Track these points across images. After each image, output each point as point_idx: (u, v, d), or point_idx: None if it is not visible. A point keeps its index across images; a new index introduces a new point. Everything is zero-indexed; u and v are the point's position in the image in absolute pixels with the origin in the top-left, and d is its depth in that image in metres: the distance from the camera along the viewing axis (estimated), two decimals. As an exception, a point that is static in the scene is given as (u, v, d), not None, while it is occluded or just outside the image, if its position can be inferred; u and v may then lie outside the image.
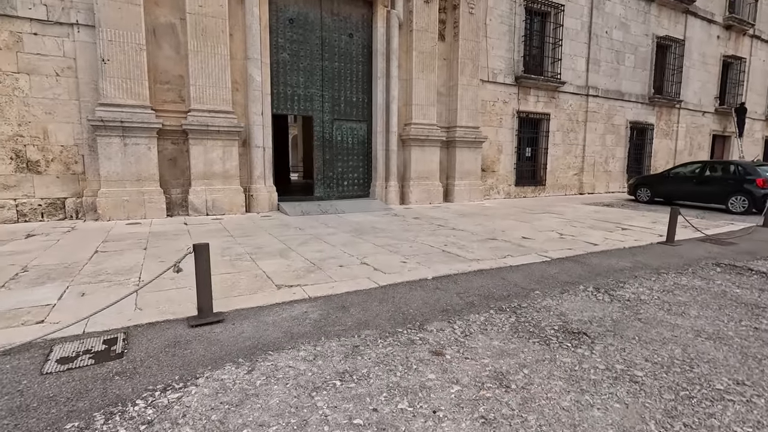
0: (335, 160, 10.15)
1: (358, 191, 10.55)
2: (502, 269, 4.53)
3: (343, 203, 9.56)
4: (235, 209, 8.42)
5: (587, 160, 14.58)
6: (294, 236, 6.16)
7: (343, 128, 10.17)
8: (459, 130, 11.02)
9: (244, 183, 8.84)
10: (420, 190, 10.57)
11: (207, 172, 8.16)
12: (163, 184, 8.11)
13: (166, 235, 6.13)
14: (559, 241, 6.08)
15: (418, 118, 10.43)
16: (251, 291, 3.62)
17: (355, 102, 10.23)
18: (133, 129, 7.42)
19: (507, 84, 12.36)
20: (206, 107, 8.05)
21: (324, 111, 9.86)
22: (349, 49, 10.02)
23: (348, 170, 10.36)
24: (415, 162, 10.49)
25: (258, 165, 8.80)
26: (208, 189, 8.17)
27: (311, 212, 8.72)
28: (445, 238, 6.13)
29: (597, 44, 14.13)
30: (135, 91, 7.46)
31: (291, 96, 9.44)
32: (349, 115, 10.20)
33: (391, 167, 10.36)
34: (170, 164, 8.17)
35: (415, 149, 10.45)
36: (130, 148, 7.50)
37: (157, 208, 7.73)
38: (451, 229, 7.01)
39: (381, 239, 6.01)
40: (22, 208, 7.20)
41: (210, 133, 8.06)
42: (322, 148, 9.95)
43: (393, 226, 7.26)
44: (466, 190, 11.29)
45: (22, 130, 7.12)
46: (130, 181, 7.54)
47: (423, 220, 8.05)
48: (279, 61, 9.21)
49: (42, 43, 7.13)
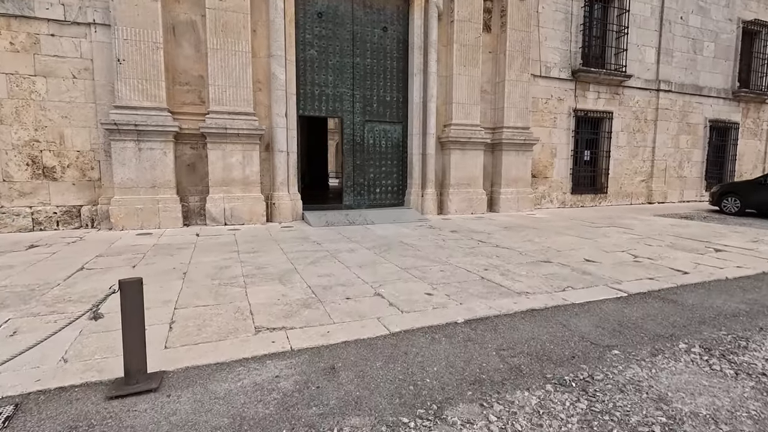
0: (366, 166, 9.29)
1: (391, 199, 9.61)
2: (560, 309, 3.38)
3: (373, 213, 8.66)
4: (255, 219, 7.75)
5: (657, 164, 12.72)
6: (307, 253, 5.32)
7: (375, 130, 9.30)
8: (506, 131, 9.80)
9: (266, 190, 8.18)
10: (460, 198, 9.45)
11: (225, 179, 7.57)
12: (181, 191, 7.61)
13: (169, 249, 5.50)
14: (635, 266, 4.78)
15: (459, 118, 9.34)
16: (220, 336, 2.76)
17: (388, 101, 9.33)
18: (148, 133, 6.96)
19: (562, 79, 10.94)
20: (226, 109, 7.47)
21: (354, 112, 9.04)
22: (382, 44, 9.15)
23: (380, 176, 9.46)
24: (455, 167, 9.39)
25: (281, 171, 8.11)
26: (227, 197, 7.57)
27: (336, 223, 7.89)
28: (486, 260, 5.02)
29: (670, 32, 12.32)
30: (151, 93, 7.01)
31: (319, 96, 8.71)
32: (382, 116, 9.31)
33: (428, 173, 9.33)
34: (189, 170, 7.66)
35: (456, 153, 9.36)
36: (145, 153, 7.04)
37: (172, 217, 7.22)
38: (493, 246, 5.87)
39: (407, 259, 5.02)
40: (37, 216, 6.93)
41: (228, 136, 7.46)
42: (352, 152, 9.12)
43: (425, 241, 6.23)
44: (513, 198, 10.02)
45: (38, 135, 6.86)
46: (145, 188, 7.08)
47: (461, 233, 6.95)
48: (306, 58, 8.51)
49: (59, 45, 6.85)
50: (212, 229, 7.15)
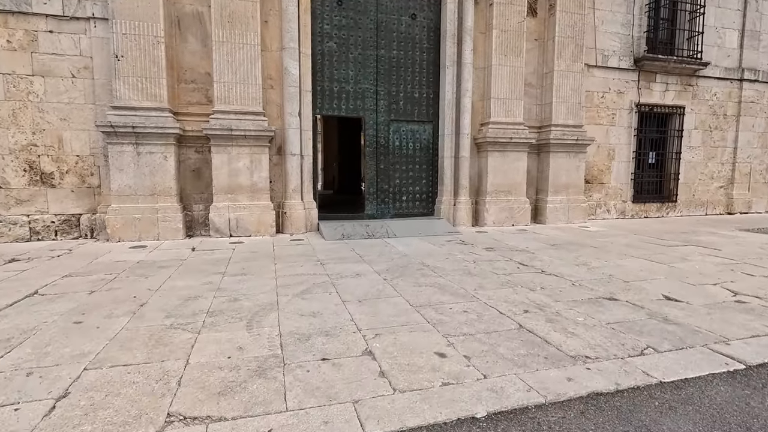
0: (391, 170, 8.28)
1: (419, 208, 8.53)
2: (642, 393, 2.20)
3: (397, 224, 7.62)
4: (263, 230, 6.95)
5: (740, 167, 10.75)
6: (303, 278, 4.38)
7: (401, 131, 8.28)
8: (555, 130, 8.44)
9: (278, 198, 7.38)
10: (499, 207, 8.20)
11: (231, 186, 6.83)
12: (185, 199, 6.96)
13: (150, 268, 4.76)
14: (740, 311, 3.43)
15: (499, 115, 8.11)
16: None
17: (417, 98, 8.28)
18: (146, 135, 6.35)
19: (623, 69, 9.40)
20: (232, 108, 6.74)
21: (378, 110, 8.06)
22: (410, 33, 8.12)
23: (407, 182, 8.41)
24: (494, 172, 8.17)
25: (293, 177, 7.27)
26: (232, 205, 6.83)
27: (354, 236, 6.92)
28: (527, 294, 3.85)
29: (756, 10, 10.37)
30: (151, 92, 6.40)
31: (338, 93, 7.82)
32: (410, 115, 8.27)
33: (462, 179, 8.17)
34: (194, 176, 7.00)
35: (494, 155, 8.14)
36: (144, 158, 6.43)
37: (171, 228, 6.56)
38: (537, 272, 4.66)
39: (424, 290, 3.94)
40: (35, 225, 6.50)
41: (234, 138, 6.72)
42: (375, 156, 8.15)
43: (452, 262, 5.12)
44: (562, 208, 8.62)
45: (36, 139, 6.43)
46: (143, 196, 6.47)
47: (498, 252, 5.76)
48: (324, 51, 7.65)
49: (58, 42, 6.39)
50: (213, 242, 6.42)
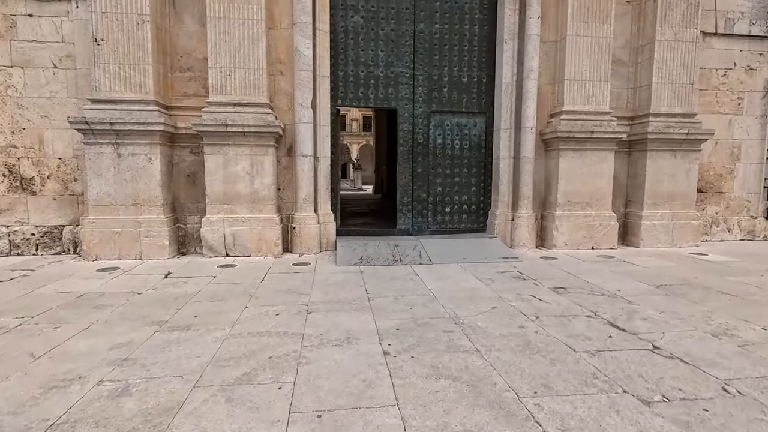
0: (431, 175, 6.60)
1: (466, 223, 6.76)
2: None
3: (436, 244, 5.94)
4: (266, 249, 5.62)
5: None
6: (263, 342, 2.88)
7: (445, 125, 6.57)
8: (654, 122, 6.27)
9: (287, 209, 6.03)
10: (573, 224, 6.20)
11: (227, 194, 5.58)
12: (178, 209, 5.84)
13: (83, 307, 3.56)
14: None
15: (575, 102, 6.12)
16: None
17: (465, 84, 6.53)
18: (127, 133, 5.28)
19: (755, 37, 6.91)
20: (230, 99, 5.49)
21: (415, 100, 6.43)
22: (458, 1, 6.40)
23: (451, 190, 6.68)
24: (567, 177, 6.19)
25: (304, 183, 5.87)
26: (228, 218, 5.57)
27: (375, 260, 5.35)
28: (640, 414, 2.02)
29: None
30: (135, 81, 5.32)
31: (364, 79, 6.30)
32: (456, 105, 6.54)
33: (523, 186, 6.28)
34: (188, 182, 5.86)
35: (568, 155, 6.16)
36: (126, 161, 5.37)
37: (156, 245, 5.43)
38: (646, 347, 2.75)
39: (444, 388, 2.26)
40: (14, 238, 5.71)
41: (230, 136, 5.46)
42: (410, 157, 6.53)
43: (501, 317, 3.36)
44: (664, 226, 6.40)
45: (15, 140, 5.63)
46: (125, 206, 5.41)
47: (574, 296, 3.88)
48: (347, 27, 6.18)
49: (38, 27, 5.54)
50: (199, 265, 5.18)
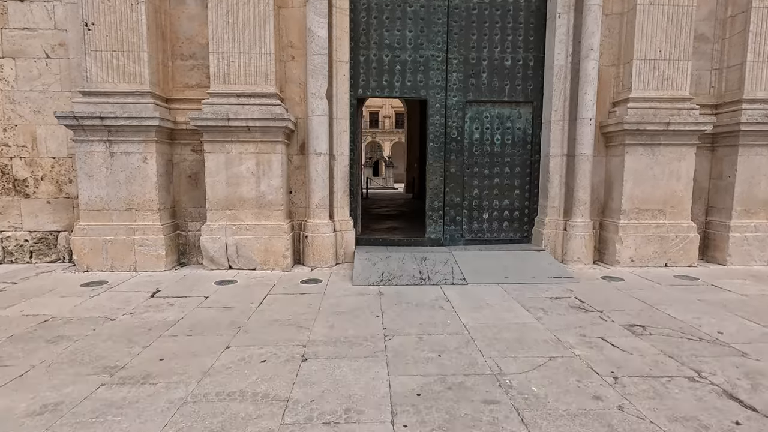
0: (467, 175, 5.65)
1: (507, 232, 5.77)
2: None
3: (472, 258, 5.00)
4: (273, 261, 4.88)
5: None
6: (233, 411, 2.10)
7: (483, 117, 5.61)
8: (749, 110, 5.04)
9: (300, 215, 5.28)
10: (642, 237, 5.08)
11: (230, 198, 4.88)
12: (179, 214, 5.21)
13: (36, 341, 2.91)
14: None
15: (647, 86, 5.00)
16: None
17: (508, 68, 5.53)
18: (120, 129, 4.68)
19: None
20: (233, 89, 4.77)
21: (449, 88, 5.51)
22: (500, -30, 5.42)
23: (490, 193, 5.71)
24: (635, 178, 5.08)
25: (317, 186, 5.08)
26: (231, 226, 4.87)
27: (399, 278, 4.49)
28: None
29: None
30: (128, 70, 4.71)
31: (389, 64, 5.44)
32: (497, 93, 5.56)
33: (578, 188, 5.21)
34: (190, 184, 5.22)
35: (636, 152, 5.05)
36: (119, 160, 4.77)
37: (152, 256, 4.81)
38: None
39: None
40: (7, 245, 5.26)
41: (233, 131, 4.74)
42: (442, 154, 5.61)
43: (565, 374, 2.41)
44: (759, 239, 5.16)
45: (7, 138, 5.16)
46: (118, 212, 4.82)
47: (658, 336, 2.85)
48: (369, 3, 5.34)
49: (29, 13, 5.03)
50: (195, 279, 4.50)
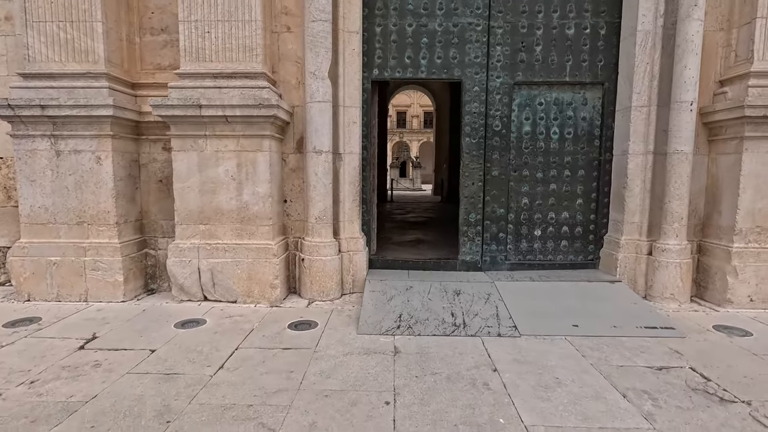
0: (513, 179, 4.35)
1: (566, 253, 4.41)
2: None
3: (522, 290, 3.70)
4: (259, 293, 3.74)
5: None
6: None
7: (536, 104, 4.29)
8: None
9: (297, 231, 4.13)
10: (767, 267, 3.64)
11: (204, 210, 3.77)
12: (147, 229, 4.17)
13: None
14: None
15: (774, 56, 3.57)
16: None
17: (571, 38, 4.19)
18: (67, 121, 3.66)
19: None
20: (208, 67, 3.67)
21: (491, 66, 4.22)
22: None
23: (544, 203, 4.37)
24: (756, 185, 3.64)
25: (317, 193, 3.90)
26: (206, 246, 3.76)
27: (423, 322, 3.24)
28: None
29: None
30: (80, 46, 3.69)
31: (413, 35, 4.21)
32: (554, 72, 4.22)
33: (671, 198, 3.79)
34: (161, 191, 4.16)
35: (760, 148, 3.61)
36: (66, 161, 3.76)
37: (107, 282, 3.77)
38: None
39: None
40: (-51, 263, 4.37)
41: (207, 123, 3.64)
42: (482, 152, 4.33)
43: None
44: None
45: (-53, 133, 4.27)
46: (67, 226, 3.80)
47: None
48: (387, -42, 4.14)
49: (-30, -20, 4.12)
50: (158, 314, 3.41)
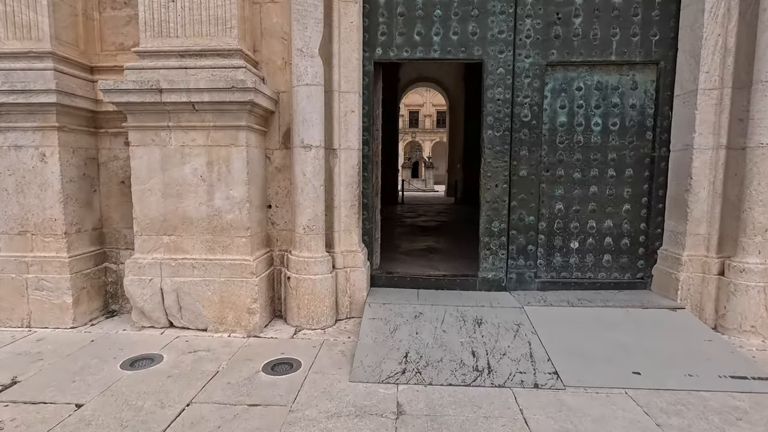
0: (545, 181, 3.59)
1: (610, 270, 3.63)
2: None
3: (561, 319, 2.95)
4: (233, 319, 3.06)
5: None
6: None
7: (573, 89, 3.52)
8: None
9: (284, 242, 3.44)
10: None
11: (168, 217, 3.10)
12: (109, 239, 3.53)
13: None
14: None
15: None
16: None
17: (618, 7, 3.40)
18: (3, 111, 3.03)
19: None
20: (173, 45, 2.99)
21: (518, 43, 3.46)
22: None
23: (582, 209, 3.60)
24: None
25: (305, 197, 3.19)
26: (169, 261, 3.09)
27: (435, 366, 2.52)
28: None
29: None
30: (21, 20, 3.06)
31: (423, 7, 3.46)
32: (597, 50, 3.44)
33: (752, 205, 2.98)
34: (123, 193, 3.51)
35: None
36: (5, 158, 3.13)
37: (54, 304, 3.13)
38: None
39: None
40: None
41: (170, 111, 2.96)
42: (507, 148, 3.57)
43: None
44: None
45: None
46: (8, 236, 3.17)
47: None
48: None
49: None
50: (108, 347, 2.75)
